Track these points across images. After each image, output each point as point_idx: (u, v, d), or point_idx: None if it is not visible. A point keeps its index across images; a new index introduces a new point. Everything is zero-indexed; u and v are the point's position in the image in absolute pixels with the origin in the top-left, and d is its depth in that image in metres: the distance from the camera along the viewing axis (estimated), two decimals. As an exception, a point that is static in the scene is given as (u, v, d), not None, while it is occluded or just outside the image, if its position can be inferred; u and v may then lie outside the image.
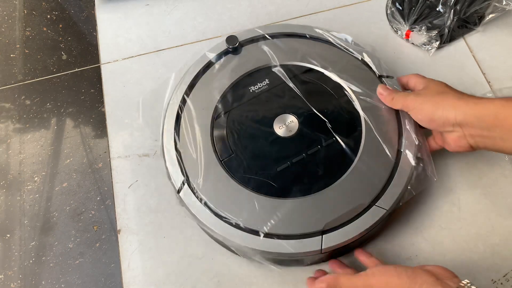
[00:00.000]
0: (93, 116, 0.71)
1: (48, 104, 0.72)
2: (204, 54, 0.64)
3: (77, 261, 0.61)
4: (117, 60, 0.73)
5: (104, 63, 0.72)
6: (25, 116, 0.71)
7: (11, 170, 0.67)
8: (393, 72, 0.62)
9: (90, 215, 0.64)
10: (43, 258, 0.61)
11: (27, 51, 0.76)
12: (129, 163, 0.65)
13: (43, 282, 0.60)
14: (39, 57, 0.76)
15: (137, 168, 0.64)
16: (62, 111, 0.71)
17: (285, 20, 0.75)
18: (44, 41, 0.78)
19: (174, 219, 0.60)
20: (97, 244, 0.62)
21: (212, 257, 0.58)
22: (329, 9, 0.76)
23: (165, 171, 0.58)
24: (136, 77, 0.71)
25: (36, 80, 0.74)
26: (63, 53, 0.76)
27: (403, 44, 0.72)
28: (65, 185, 0.66)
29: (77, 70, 0.75)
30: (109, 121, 0.68)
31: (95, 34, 0.76)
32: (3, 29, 0.78)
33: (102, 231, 0.63)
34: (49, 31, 0.78)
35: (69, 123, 0.71)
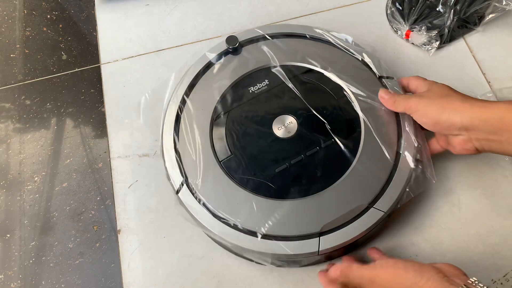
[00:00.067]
0: (93, 116, 0.71)
1: (48, 104, 0.72)
2: (204, 54, 0.64)
3: (77, 261, 0.61)
4: (117, 60, 0.73)
5: (104, 63, 0.73)
6: (25, 116, 0.71)
7: (11, 170, 0.67)
8: (393, 73, 0.62)
9: (90, 215, 0.64)
10: (43, 258, 0.62)
11: (27, 51, 0.76)
12: (129, 163, 0.65)
13: (43, 282, 0.60)
14: (39, 57, 0.76)
15: (137, 168, 0.64)
16: (62, 111, 0.72)
17: (285, 20, 0.75)
18: (44, 41, 0.78)
19: (174, 219, 0.60)
20: (97, 244, 0.62)
21: (212, 257, 0.58)
22: (329, 9, 0.76)
23: (165, 171, 0.58)
24: (136, 77, 0.71)
25: (36, 80, 0.74)
26: (63, 53, 0.76)
27: (403, 44, 0.72)
28: (65, 185, 0.66)
29: (77, 70, 0.75)
30: (109, 121, 0.68)
31: (95, 34, 0.76)
32: (3, 29, 0.78)
33: (102, 231, 0.63)
34: (49, 31, 0.78)
35: (69, 123, 0.71)
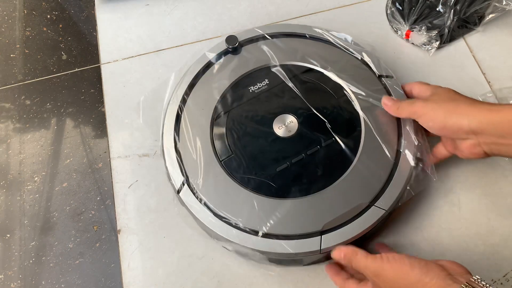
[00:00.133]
0: (93, 116, 0.71)
1: (48, 104, 0.72)
2: (204, 54, 0.64)
3: (77, 261, 0.61)
4: (117, 60, 0.73)
5: (104, 63, 0.73)
6: (25, 116, 0.71)
7: (11, 170, 0.67)
8: (393, 72, 0.62)
9: (90, 215, 0.64)
10: (43, 258, 0.61)
11: (27, 51, 0.76)
12: (129, 163, 0.65)
13: (43, 282, 0.60)
14: (39, 57, 0.76)
15: (137, 168, 0.64)
16: (62, 111, 0.71)
17: (285, 20, 0.75)
18: (44, 41, 0.78)
19: (174, 219, 0.60)
20: (97, 244, 0.62)
21: (212, 257, 0.58)
22: (329, 9, 0.76)
23: (165, 171, 0.58)
24: (136, 77, 0.71)
25: (36, 80, 0.74)
26: (63, 53, 0.76)
27: (403, 44, 0.72)
28: (65, 185, 0.66)
29: (77, 70, 0.75)
30: (109, 121, 0.68)
31: (95, 34, 0.76)
32: (3, 29, 0.78)
33: (102, 231, 0.63)
34: (49, 31, 0.78)
35: (69, 123, 0.71)
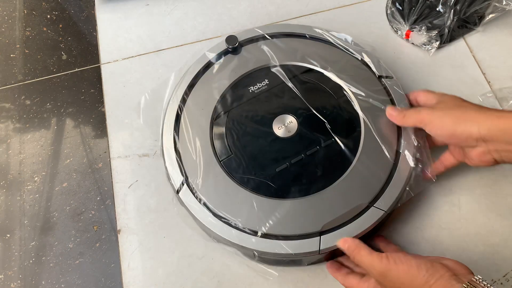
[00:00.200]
0: (93, 116, 0.71)
1: (48, 104, 0.72)
2: (204, 54, 0.64)
3: (77, 261, 0.61)
4: (117, 60, 0.73)
5: (104, 63, 0.73)
6: (25, 116, 0.71)
7: (11, 170, 0.67)
8: (393, 72, 0.62)
9: (90, 215, 0.64)
10: (43, 258, 0.62)
11: (27, 51, 0.77)
12: (129, 163, 0.65)
13: (43, 282, 0.60)
14: (39, 57, 0.76)
15: (137, 168, 0.64)
16: (62, 111, 0.72)
17: (285, 20, 0.75)
18: (44, 41, 0.78)
19: (174, 219, 0.60)
20: (97, 244, 0.62)
21: (212, 257, 0.58)
22: (329, 9, 0.76)
23: (165, 171, 0.58)
24: (136, 77, 0.71)
25: (36, 80, 0.74)
26: (63, 53, 0.76)
27: (403, 44, 0.72)
28: (65, 185, 0.66)
29: (77, 70, 0.75)
30: (109, 121, 0.68)
31: (95, 34, 0.76)
32: (3, 29, 0.78)
33: (102, 231, 0.63)
34: (49, 31, 0.78)
35: (69, 123, 0.71)
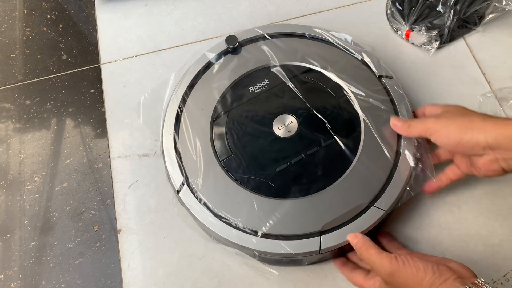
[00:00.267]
0: (93, 116, 0.71)
1: (48, 104, 0.72)
2: (204, 54, 0.64)
3: (77, 261, 0.61)
4: (117, 60, 0.73)
5: (104, 63, 0.73)
6: (25, 116, 0.71)
7: (11, 170, 0.67)
8: (393, 72, 0.62)
9: (90, 215, 0.64)
10: (43, 258, 0.62)
11: (27, 51, 0.76)
12: (129, 163, 0.65)
13: (43, 282, 0.60)
14: (39, 57, 0.76)
15: (137, 168, 0.64)
16: (62, 111, 0.72)
17: (285, 20, 0.75)
18: (44, 41, 0.78)
19: (174, 219, 0.60)
20: (97, 244, 0.62)
21: (212, 257, 0.58)
22: (329, 9, 0.76)
23: (165, 171, 0.58)
24: (136, 77, 0.71)
25: (36, 80, 0.74)
26: (63, 53, 0.76)
27: (403, 44, 0.72)
28: (65, 185, 0.66)
29: (77, 70, 0.75)
30: (109, 121, 0.68)
31: (95, 34, 0.76)
32: (3, 29, 0.78)
33: (102, 231, 0.63)
34: (49, 31, 0.78)
35: (69, 123, 0.71)
